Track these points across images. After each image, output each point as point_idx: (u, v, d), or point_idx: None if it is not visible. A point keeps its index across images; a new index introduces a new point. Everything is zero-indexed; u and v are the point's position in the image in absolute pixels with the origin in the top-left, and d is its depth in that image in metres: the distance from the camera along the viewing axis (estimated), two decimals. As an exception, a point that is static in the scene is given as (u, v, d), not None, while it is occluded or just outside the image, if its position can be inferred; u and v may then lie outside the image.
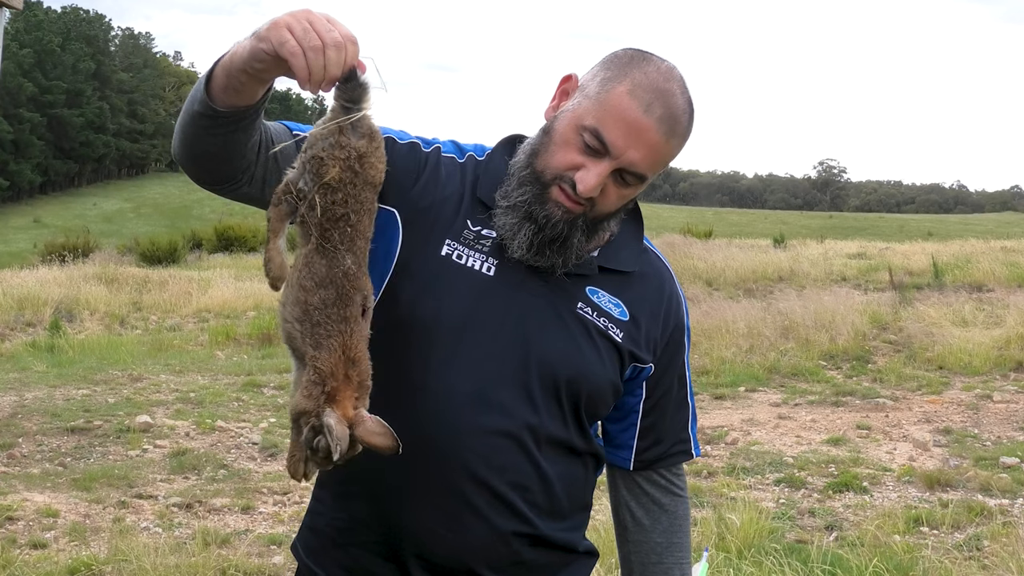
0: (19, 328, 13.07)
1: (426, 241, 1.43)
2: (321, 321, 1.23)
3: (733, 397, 8.59)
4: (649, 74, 1.36)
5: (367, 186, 1.26)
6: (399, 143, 1.48)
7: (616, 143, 1.34)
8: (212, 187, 1.38)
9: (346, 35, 1.19)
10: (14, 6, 7.70)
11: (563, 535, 1.50)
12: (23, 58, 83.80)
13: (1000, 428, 7.37)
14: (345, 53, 1.18)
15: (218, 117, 1.26)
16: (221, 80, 1.24)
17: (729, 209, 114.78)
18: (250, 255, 27.73)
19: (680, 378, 1.58)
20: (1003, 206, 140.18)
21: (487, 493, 1.40)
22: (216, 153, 1.31)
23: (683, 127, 1.38)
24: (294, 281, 1.26)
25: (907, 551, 4.54)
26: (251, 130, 1.31)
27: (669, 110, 1.35)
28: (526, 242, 1.40)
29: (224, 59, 1.24)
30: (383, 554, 1.45)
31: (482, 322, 1.41)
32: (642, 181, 1.40)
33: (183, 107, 1.32)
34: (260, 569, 4.44)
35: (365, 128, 1.26)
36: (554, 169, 1.38)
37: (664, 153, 1.38)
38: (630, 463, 1.57)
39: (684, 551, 1.61)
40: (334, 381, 1.22)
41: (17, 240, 54.51)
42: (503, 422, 1.40)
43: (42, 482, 5.81)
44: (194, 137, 1.30)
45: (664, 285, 1.55)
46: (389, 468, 1.41)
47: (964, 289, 14.38)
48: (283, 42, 1.16)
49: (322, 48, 1.16)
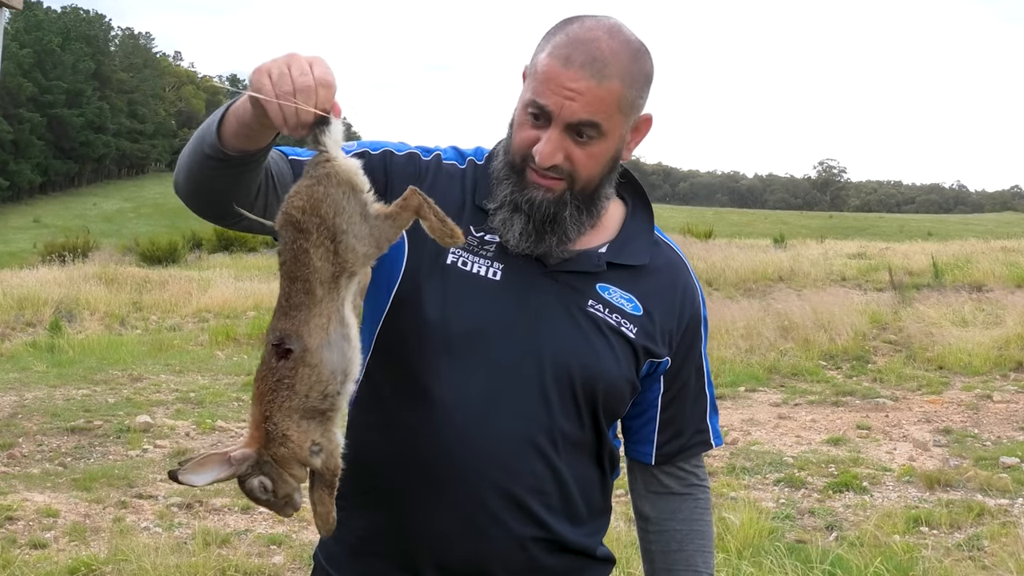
0: (19, 328, 13.07)
1: (430, 250, 1.43)
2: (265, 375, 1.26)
3: (733, 397, 8.59)
4: (570, 32, 1.36)
5: (323, 232, 1.24)
6: (396, 155, 1.48)
7: (550, 104, 1.34)
8: (214, 221, 1.39)
9: (320, 79, 1.18)
10: (14, 6, 7.71)
11: (580, 540, 1.49)
12: (23, 58, 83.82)
13: (1000, 428, 7.37)
14: (316, 98, 1.18)
15: (228, 160, 1.27)
16: (232, 126, 1.25)
17: (729, 209, 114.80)
18: (250, 255, 27.75)
19: (698, 369, 1.57)
20: (1003, 206, 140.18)
21: (504, 498, 1.40)
22: (222, 191, 1.32)
23: (619, 66, 1.35)
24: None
25: (907, 551, 4.54)
26: (257, 171, 1.32)
27: (590, 54, 1.34)
28: (519, 231, 1.40)
29: (236, 104, 1.25)
30: (400, 563, 1.44)
31: (493, 327, 1.40)
32: (600, 131, 1.36)
33: (190, 143, 1.32)
34: (260, 569, 4.44)
35: (321, 173, 1.23)
36: (518, 151, 1.40)
37: (603, 95, 1.34)
38: (651, 457, 1.56)
39: (707, 539, 1.59)
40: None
41: (17, 240, 54.51)
42: (519, 426, 1.39)
43: (42, 482, 5.81)
44: (201, 177, 1.31)
45: (678, 277, 1.53)
46: (405, 476, 1.41)
47: (964, 289, 14.37)
48: (259, 88, 1.18)
49: (292, 93, 1.17)
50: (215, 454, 1.22)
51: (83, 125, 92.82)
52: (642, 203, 1.55)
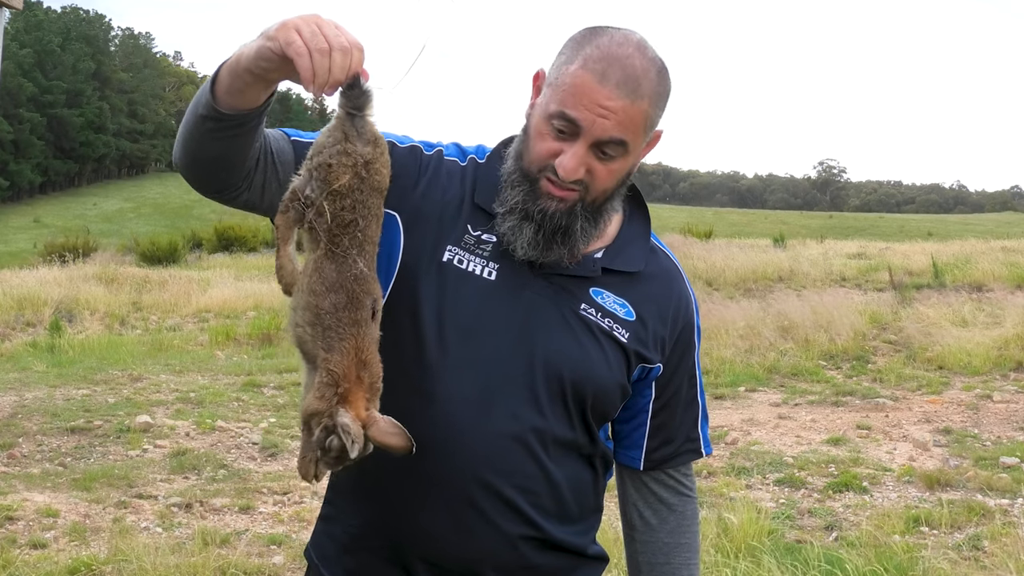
0: (19, 328, 13.07)
1: (427, 247, 1.44)
2: (332, 325, 1.25)
3: (733, 397, 8.60)
4: (601, 45, 1.35)
5: (374, 192, 1.28)
6: (399, 147, 1.48)
7: (582, 118, 1.33)
8: (213, 195, 1.39)
9: (353, 42, 1.20)
10: (14, 6, 7.70)
11: (571, 539, 1.49)
12: (23, 58, 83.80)
13: (1000, 428, 7.37)
14: (351, 59, 1.19)
15: (222, 120, 1.27)
16: (226, 82, 1.25)
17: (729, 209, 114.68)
18: (250, 255, 27.76)
19: (691, 378, 1.57)
20: (1003, 206, 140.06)
21: (494, 497, 1.40)
22: (218, 158, 1.32)
23: (649, 86, 1.35)
24: (305, 286, 1.27)
25: (907, 551, 4.54)
26: (253, 136, 1.31)
27: (626, 72, 1.33)
28: (529, 240, 1.40)
29: (230, 60, 1.25)
30: (391, 559, 1.45)
31: (486, 326, 1.41)
32: (625, 149, 1.37)
33: (186, 112, 1.32)
34: (260, 569, 4.44)
35: (370, 135, 1.27)
36: (536, 162, 1.38)
37: (635, 115, 1.35)
38: (640, 463, 1.57)
39: (692, 552, 1.60)
40: (346, 383, 1.24)
41: (17, 240, 54.51)
42: (509, 426, 1.40)
43: (42, 482, 5.81)
44: (197, 141, 1.30)
45: (673, 285, 1.54)
46: (396, 473, 1.41)
47: (964, 289, 14.37)
48: (290, 42, 1.17)
49: (328, 51, 1.17)
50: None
51: (83, 125, 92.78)
52: (640, 209, 1.55)
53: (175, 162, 1.37)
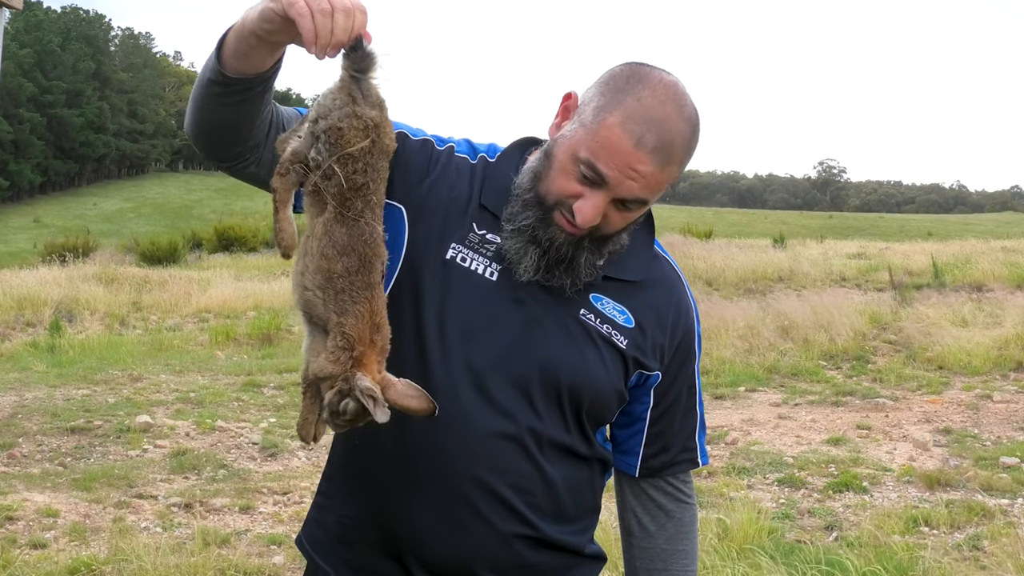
0: (19, 328, 13.07)
1: (431, 243, 1.44)
2: (345, 288, 1.25)
3: (733, 397, 8.60)
4: (643, 100, 1.33)
5: (382, 155, 1.29)
6: (411, 139, 1.48)
7: (610, 176, 1.33)
8: (221, 163, 1.40)
9: (355, 3, 1.19)
10: (14, 6, 7.70)
11: (568, 538, 1.49)
12: (23, 58, 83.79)
13: (1000, 428, 7.37)
14: (353, 20, 1.19)
15: (228, 84, 1.27)
16: (232, 45, 1.25)
17: (729, 209, 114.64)
18: (250, 255, 27.75)
19: (690, 387, 1.57)
20: (1003, 206, 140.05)
21: (489, 495, 1.40)
22: (225, 124, 1.32)
23: (682, 150, 1.36)
24: (315, 250, 1.27)
25: (907, 551, 4.54)
26: (260, 102, 1.32)
27: (662, 139, 1.32)
28: (533, 265, 1.40)
29: (236, 24, 1.25)
30: (386, 553, 1.45)
31: (484, 326, 1.41)
32: (644, 205, 1.40)
33: (196, 80, 1.33)
34: (260, 569, 4.44)
35: (375, 98, 1.27)
36: (555, 195, 1.38)
37: (661, 180, 1.36)
38: (636, 470, 1.57)
39: (690, 559, 1.59)
40: (361, 346, 1.24)
41: (17, 240, 54.50)
42: (505, 425, 1.40)
43: (42, 482, 5.81)
44: (204, 107, 1.31)
45: (673, 292, 1.54)
46: (392, 466, 1.42)
47: (964, 289, 14.38)
48: (293, 3, 1.16)
49: (330, 12, 1.17)
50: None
51: (83, 125, 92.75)
52: (644, 217, 1.54)
53: (185, 129, 1.38)
